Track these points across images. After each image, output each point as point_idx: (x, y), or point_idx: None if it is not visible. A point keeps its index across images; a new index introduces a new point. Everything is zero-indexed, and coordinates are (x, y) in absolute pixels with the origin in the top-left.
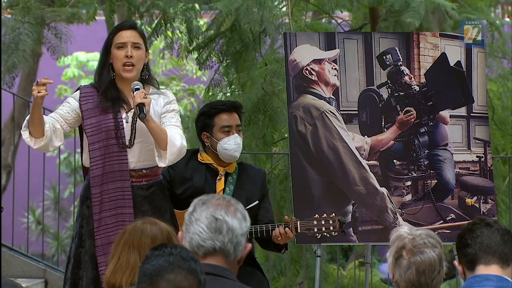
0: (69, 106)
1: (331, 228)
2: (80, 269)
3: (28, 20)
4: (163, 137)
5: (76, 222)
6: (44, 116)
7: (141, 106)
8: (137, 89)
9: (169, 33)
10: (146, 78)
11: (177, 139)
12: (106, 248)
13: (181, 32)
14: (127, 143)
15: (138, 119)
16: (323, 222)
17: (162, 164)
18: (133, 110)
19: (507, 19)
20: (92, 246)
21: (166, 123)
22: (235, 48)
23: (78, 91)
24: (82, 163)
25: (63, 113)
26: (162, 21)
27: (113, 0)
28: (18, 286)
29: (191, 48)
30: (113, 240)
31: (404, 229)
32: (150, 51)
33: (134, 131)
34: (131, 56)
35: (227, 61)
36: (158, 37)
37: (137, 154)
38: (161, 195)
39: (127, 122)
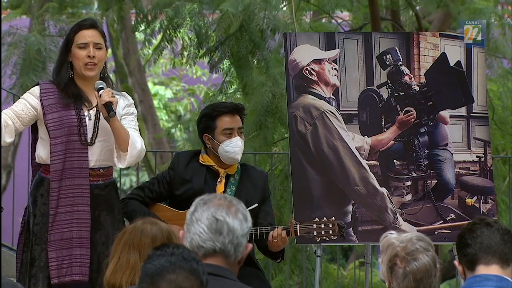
0: (25, 104)
1: (330, 232)
2: (34, 267)
3: (49, 33)
4: (125, 138)
5: (29, 219)
6: None
7: (109, 105)
8: (101, 88)
9: (178, 35)
10: (104, 77)
11: (138, 142)
12: (58, 243)
13: (190, 38)
14: (88, 140)
15: (101, 117)
16: (322, 226)
17: (120, 165)
18: (95, 108)
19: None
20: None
21: (125, 126)
22: (247, 48)
23: (37, 86)
24: (34, 159)
25: (17, 110)
26: (170, 29)
27: (123, 7)
28: (18, 286)
29: (200, 54)
30: (66, 237)
31: (393, 235)
32: (150, 50)
33: (96, 129)
34: (94, 57)
35: (230, 62)
36: (169, 44)
37: (98, 153)
38: (115, 195)
39: (89, 120)
